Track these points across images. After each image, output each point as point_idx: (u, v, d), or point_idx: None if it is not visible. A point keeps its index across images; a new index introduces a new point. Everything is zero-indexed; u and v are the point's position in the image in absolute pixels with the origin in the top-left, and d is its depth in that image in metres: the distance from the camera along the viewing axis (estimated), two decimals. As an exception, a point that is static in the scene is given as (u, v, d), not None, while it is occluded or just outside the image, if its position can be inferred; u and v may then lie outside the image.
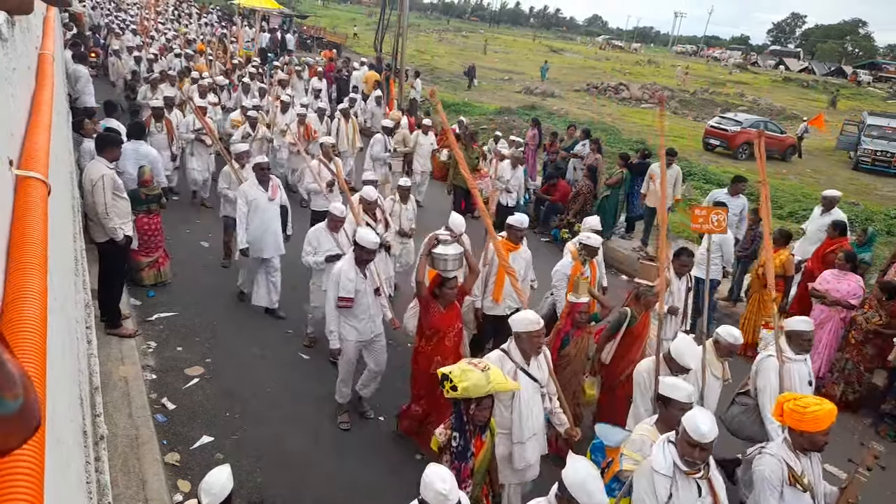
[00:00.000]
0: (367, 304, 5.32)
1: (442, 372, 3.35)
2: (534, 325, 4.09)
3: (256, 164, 7.00)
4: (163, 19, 26.49)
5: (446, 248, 4.95)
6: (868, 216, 13.49)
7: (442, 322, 4.97)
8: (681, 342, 4.40)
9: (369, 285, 5.34)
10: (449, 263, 4.95)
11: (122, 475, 4.48)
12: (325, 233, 6.21)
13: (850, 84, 50.36)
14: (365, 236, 5.21)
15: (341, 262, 5.34)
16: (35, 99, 1.64)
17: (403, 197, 7.83)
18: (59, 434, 1.29)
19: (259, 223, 6.87)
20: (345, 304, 5.21)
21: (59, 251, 2.11)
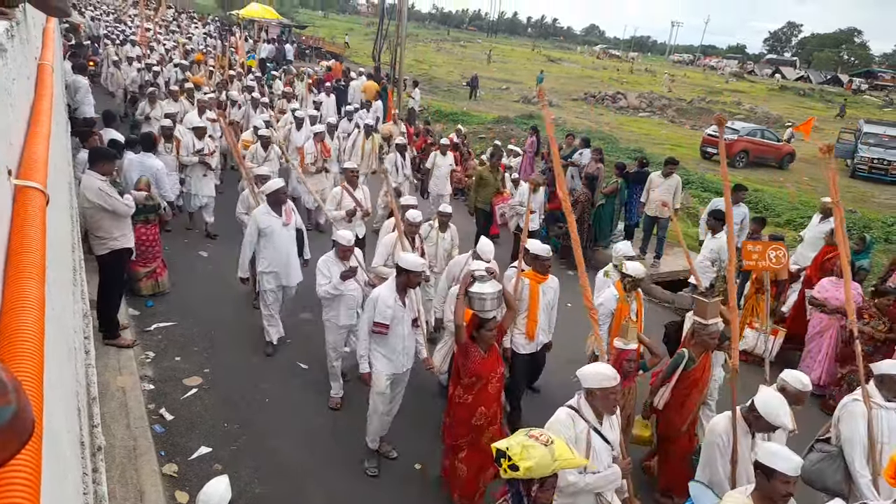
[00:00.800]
0: (403, 335, 5.00)
1: (497, 447, 2.86)
2: (610, 381, 3.61)
3: (272, 192, 6.40)
4: (162, 30, 26.56)
5: (484, 287, 4.57)
6: (866, 224, 13.53)
7: (483, 368, 4.49)
8: (769, 396, 3.84)
9: (408, 314, 5.00)
10: (487, 303, 4.55)
11: (120, 486, 4.45)
12: (334, 262, 5.78)
13: (846, 92, 50.63)
14: (409, 259, 4.92)
15: (382, 287, 5.02)
16: (34, 109, 1.64)
17: (443, 224, 7.18)
18: (56, 445, 1.28)
19: (276, 251, 6.41)
20: (379, 329, 4.89)
21: (57, 261, 2.11)
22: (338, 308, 5.78)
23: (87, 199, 5.89)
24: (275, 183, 6.45)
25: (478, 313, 4.54)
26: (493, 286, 4.60)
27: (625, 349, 4.71)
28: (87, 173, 6.01)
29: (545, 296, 5.73)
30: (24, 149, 1.41)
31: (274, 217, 6.38)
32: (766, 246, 4.98)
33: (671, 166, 10.17)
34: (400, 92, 18.39)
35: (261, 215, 6.37)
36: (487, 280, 4.65)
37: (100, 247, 6.11)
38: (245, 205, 7.46)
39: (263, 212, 6.39)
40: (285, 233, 6.48)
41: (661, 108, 33.87)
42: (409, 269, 4.85)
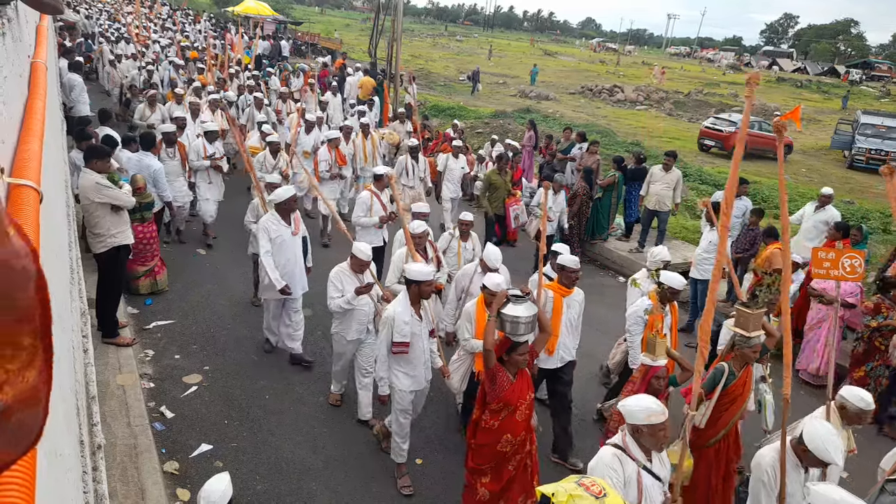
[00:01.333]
0: (423, 349, 4.88)
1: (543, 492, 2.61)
2: (659, 416, 3.31)
3: (283, 201, 6.13)
4: (156, 27, 26.44)
5: (519, 309, 4.22)
6: (864, 214, 13.55)
7: (512, 394, 4.18)
8: (820, 428, 3.49)
9: (425, 327, 4.88)
10: (521, 327, 4.19)
11: (121, 484, 4.45)
12: (348, 274, 5.49)
13: (843, 83, 50.62)
14: (415, 269, 4.76)
15: (395, 304, 4.81)
16: (28, 107, 1.63)
17: (464, 233, 6.82)
18: (55, 444, 1.27)
19: (285, 261, 6.17)
20: (401, 349, 4.74)
21: (53, 259, 2.10)
22: (348, 322, 5.56)
23: (86, 196, 5.88)
24: (285, 191, 6.21)
25: (509, 337, 4.20)
26: (528, 309, 4.25)
27: (653, 366, 4.40)
28: (83, 171, 5.99)
29: (569, 309, 5.42)
30: (17, 147, 1.40)
31: (283, 226, 6.13)
32: (839, 254, 4.56)
33: (670, 159, 10.16)
34: (396, 88, 18.34)
35: (270, 224, 6.10)
36: (523, 302, 4.29)
37: (98, 244, 6.09)
38: (254, 213, 7.15)
39: (272, 220, 6.12)
40: (295, 242, 6.26)
41: (659, 100, 33.84)
42: (417, 280, 4.69)
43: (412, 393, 4.91)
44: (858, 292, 6.98)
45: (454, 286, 6.00)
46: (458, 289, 5.99)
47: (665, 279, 5.33)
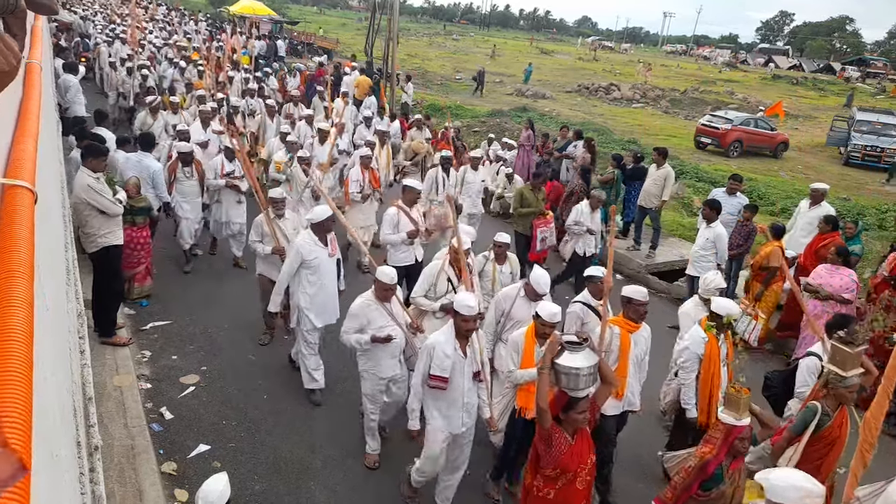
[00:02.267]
0: (463, 389, 4.37)
1: None
2: (816, 500, 2.95)
3: (321, 220, 5.63)
4: (152, 27, 26.35)
5: (577, 359, 3.65)
6: (860, 211, 13.58)
7: (571, 458, 3.63)
8: None
9: (468, 366, 4.39)
10: (581, 380, 3.62)
11: (119, 485, 4.45)
12: (374, 305, 4.92)
13: (839, 80, 50.71)
14: (462, 301, 4.27)
15: (437, 334, 4.40)
16: (22, 108, 1.63)
17: (500, 256, 6.21)
18: (50, 446, 1.27)
19: (321, 286, 5.72)
20: (438, 384, 4.28)
21: (49, 260, 2.10)
22: (377, 358, 4.98)
23: (77, 195, 5.88)
24: (323, 210, 5.69)
25: (566, 391, 3.66)
26: (587, 358, 3.67)
27: (737, 425, 3.83)
28: (80, 170, 6.00)
29: (636, 347, 4.84)
30: (11, 148, 1.39)
31: (320, 247, 5.66)
32: None
33: (660, 156, 10.18)
34: (393, 87, 18.34)
35: (306, 245, 5.61)
36: (580, 350, 3.71)
37: (89, 244, 6.08)
38: (259, 232, 6.56)
39: (309, 241, 5.64)
40: (330, 264, 5.81)
41: (655, 98, 33.87)
42: (459, 313, 4.25)
43: (447, 437, 4.44)
44: (854, 288, 6.99)
45: (493, 308, 5.44)
46: (497, 311, 5.35)
47: (719, 308, 4.86)
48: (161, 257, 8.14)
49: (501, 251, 6.16)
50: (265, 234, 6.50)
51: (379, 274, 4.90)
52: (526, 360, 4.59)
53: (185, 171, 8.11)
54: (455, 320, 4.31)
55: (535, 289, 5.04)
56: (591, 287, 5.29)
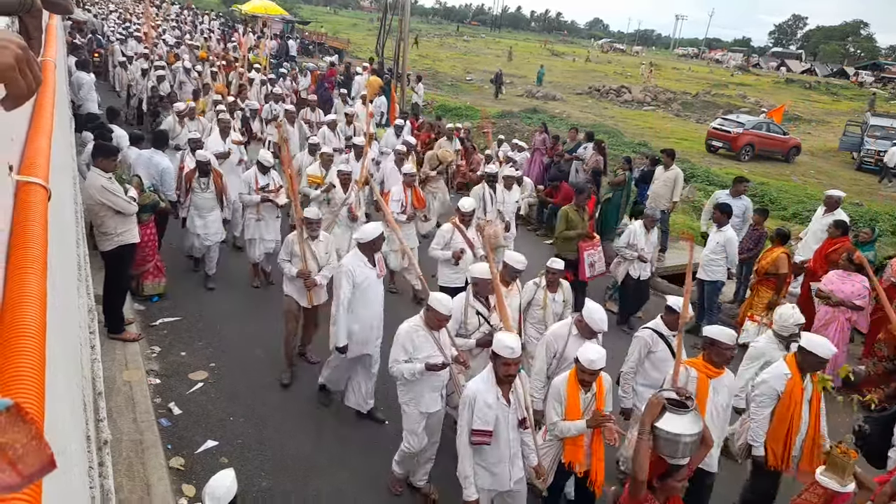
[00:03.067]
0: (509, 440, 3.95)
1: None
2: None
3: (371, 240, 5.30)
4: (166, 27, 26.48)
5: (681, 423, 3.27)
6: (872, 216, 13.48)
7: None
8: None
9: (512, 413, 3.96)
10: (685, 447, 3.26)
11: (127, 480, 4.48)
12: (423, 333, 4.50)
13: (853, 85, 50.29)
14: (503, 341, 3.80)
15: (477, 381, 3.98)
16: (36, 104, 1.64)
17: (552, 283, 5.73)
18: (61, 440, 1.28)
19: (368, 309, 5.38)
20: (481, 439, 3.87)
21: (61, 256, 2.12)
22: (419, 390, 4.57)
23: (91, 196, 5.91)
24: (373, 228, 5.39)
25: (664, 457, 3.30)
26: (693, 422, 3.29)
27: (841, 492, 3.50)
28: (91, 170, 6.03)
29: (716, 395, 4.30)
30: (25, 145, 1.41)
31: (369, 267, 5.33)
32: None
33: (669, 158, 10.13)
34: (403, 87, 18.34)
35: (355, 266, 5.27)
36: (685, 412, 3.33)
37: (106, 243, 6.12)
38: (288, 251, 6.07)
39: (358, 262, 5.30)
40: (379, 285, 5.49)
41: (666, 101, 33.73)
42: (500, 356, 3.79)
43: (492, 494, 4.07)
44: (866, 294, 6.93)
45: (544, 350, 4.94)
46: (548, 354, 4.91)
47: (810, 345, 4.35)
48: (171, 255, 8.18)
49: (554, 278, 5.72)
50: (294, 254, 6.01)
51: (434, 302, 4.43)
52: (570, 408, 4.16)
53: (202, 182, 7.58)
54: (494, 364, 3.87)
55: (590, 325, 4.57)
56: (667, 317, 4.96)
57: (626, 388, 5.17)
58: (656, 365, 5.02)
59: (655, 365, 5.03)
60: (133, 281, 7.15)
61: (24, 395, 0.71)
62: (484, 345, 4.87)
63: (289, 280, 6.10)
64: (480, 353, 5.04)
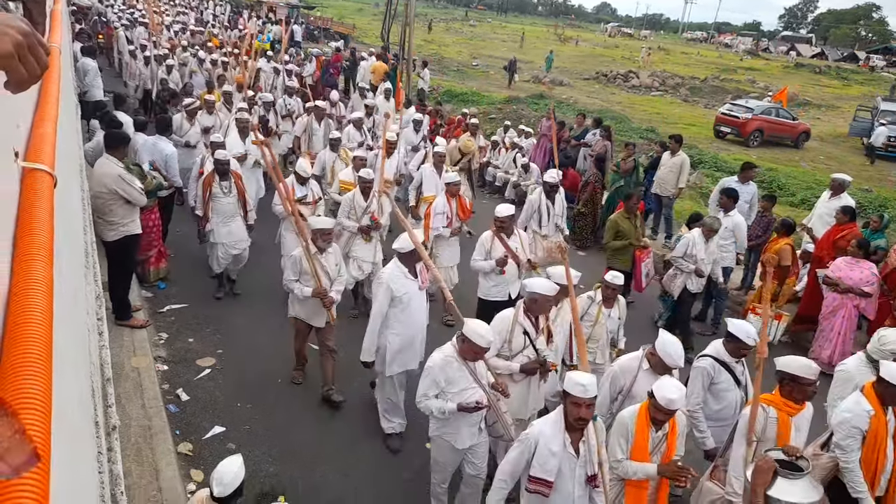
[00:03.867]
0: (573, 498, 3.46)
1: None
2: None
3: (410, 251, 4.90)
4: (172, 13, 26.35)
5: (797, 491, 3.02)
6: (882, 203, 13.37)
7: None
8: None
9: (581, 467, 3.45)
10: None
11: (136, 465, 4.53)
12: (456, 364, 3.99)
13: (863, 69, 49.70)
14: (573, 379, 3.37)
15: (543, 423, 3.53)
16: (42, 91, 1.64)
17: (608, 298, 5.35)
18: (69, 425, 1.29)
19: (409, 324, 5.03)
20: (539, 489, 3.42)
21: (68, 243, 2.12)
22: (456, 425, 4.11)
23: (104, 185, 5.89)
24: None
25: None
26: (812, 489, 3.00)
27: None
28: (105, 157, 6.01)
29: (798, 433, 3.92)
30: (31, 131, 1.40)
31: (410, 279, 5.00)
32: None
33: (675, 143, 10.06)
34: (409, 73, 18.26)
35: (396, 279, 4.93)
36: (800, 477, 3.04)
37: (111, 233, 6.11)
38: (296, 269, 5.43)
39: (398, 274, 4.95)
40: (421, 298, 5.14)
41: (674, 86, 33.45)
42: (571, 395, 3.37)
43: None
44: (874, 281, 6.90)
45: (608, 384, 4.47)
46: (612, 389, 4.46)
47: (892, 377, 3.84)
48: (177, 240, 8.20)
49: (612, 293, 5.33)
50: (304, 272, 5.41)
51: (470, 332, 3.88)
52: (637, 447, 3.74)
53: (223, 186, 6.93)
54: (564, 403, 3.45)
55: (664, 360, 4.07)
56: (731, 345, 4.44)
57: (700, 427, 4.49)
58: (718, 397, 4.53)
59: (718, 396, 4.53)
60: (139, 267, 7.18)
61: (32, 381, 0.71)
62: (529, 372, 4.44)
63: (296, 301, 5.55)
64: (524, 380, 4.51)
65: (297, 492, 4.69)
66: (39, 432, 0.66)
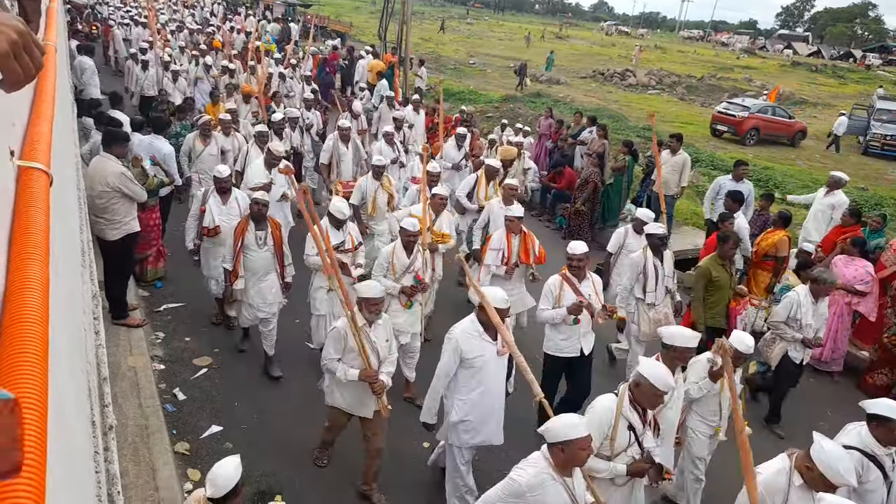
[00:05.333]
0: None
1: None
2: None
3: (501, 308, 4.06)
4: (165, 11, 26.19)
5: None
6: (877, 201, 13.41)
7: None
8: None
9: None
10: None
11: (133, 464, 4.53)
12: (549, 479, 3.19)
13: (859, 68, 49.80)
14: None
15: None
16: (37, 89, 1.63)
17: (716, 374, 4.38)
18: (65, 425, 1.29)
19: (483, 393, 4.27)
20: None
21: (64, 242, 2.12)
22: None
23: (106, 183, 5.86)
24: (496, 294, 4.15)
25: None
26: None
27: None
28: (102, 156, 5.99)
29: None
30: (27, 130, 1.40)
31: (486, 341, 4.21)
32: None
33: (676, 142, 10.07)
34: (406, 71, 18.23)
35: (469, 339, 4.19)
36: None
37: (113, 231, 6.08)
38: (339, 347, 4.43)
39: (472, 333, 4.21)
40: (499, 366, 4.32)
41: (671, 85, 33.47)
42: None
43: None
44: (869, 279, 6.92)
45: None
46: None
47: None
48: (175, 239, 8.18)
49: (742, 363, 4.56)
50: (350, 349, 4.37)
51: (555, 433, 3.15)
52: None
53: (258, 237, 5.67)
54: None
55: (828, 476, 3.10)
56: (880, 430, 3.66)
57: None
58: (865, 499, 3.68)
59: (864, 499, 3.68)
60: (137, 266, 7.17)
61: (27, 380, 0.71)
62: (636, 475, 3.69)
63: (337, 386, 4.52)
64: (627, 483, 3.77)
65: (294, 491, 4.69)
66: (35, 431, 0.65)
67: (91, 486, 1.94)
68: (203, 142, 7.98)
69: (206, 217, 6.20)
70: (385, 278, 5.55)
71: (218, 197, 6.29)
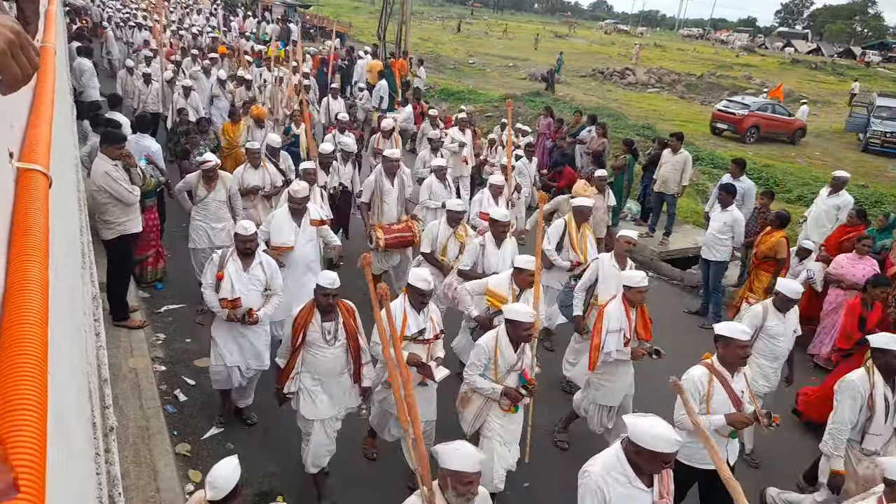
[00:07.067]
0: None
1: None
2: None
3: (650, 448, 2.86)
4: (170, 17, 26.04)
5: None
6: (878, 199, 13.40)
7: None
8: None
9: None
10: None
11: (134, 466, 4.53)
12: None
13: (859, 65, 49.80)
14: None
15: None
16: (36, 91, 1.63)
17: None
18: (65, 426, 1.29)
19: None
20: None
21: (64, 243, 2.11)
22: None
23: (96, 183, 5.90)
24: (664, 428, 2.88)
25: None
26: None
27: None
28: (98, 156, 6.02)
29: None
30: (26, 131, 1.40)
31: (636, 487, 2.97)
32: None
33: (677, 141, 10.06)
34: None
35: (613, 484, 2.95)
36: None
37: (107, 232, 6.11)
38: None
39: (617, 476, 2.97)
40: None
41: (671, 83, 33.47)
42: None
43: None
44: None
45: None
46: None
47: None
48: (174, 240, 8.18)
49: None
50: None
51: None
52: None
53: (326, 329, 4.30)
54: None
55: None
56: None
57: None
58: None
59: None
60: (136, 267, 7.17)
61: (28, 383, 0.70)
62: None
63: None
64: None
65: (296, 491, 4.69)
66: (35, 434, 0.65)
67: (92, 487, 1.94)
68: (208, 185, 6.59)
69: (224, 287, 4.84)
70: (483, 377, 4.28)
71: (238, 261, 4.91)
